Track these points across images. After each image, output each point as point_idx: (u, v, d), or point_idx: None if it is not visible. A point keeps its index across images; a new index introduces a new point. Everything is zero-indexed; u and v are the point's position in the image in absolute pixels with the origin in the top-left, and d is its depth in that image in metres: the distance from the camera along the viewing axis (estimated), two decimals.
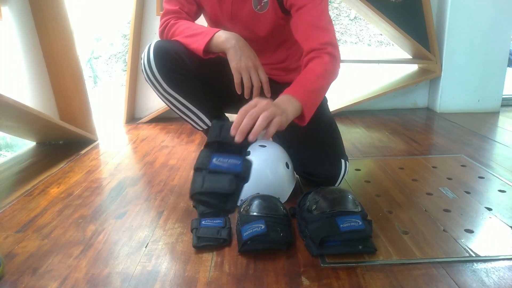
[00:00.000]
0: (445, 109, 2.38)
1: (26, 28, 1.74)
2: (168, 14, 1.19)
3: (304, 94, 0.96)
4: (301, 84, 0.99)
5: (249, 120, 0.82)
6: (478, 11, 2.20)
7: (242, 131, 0.81)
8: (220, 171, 0.82)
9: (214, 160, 0.83)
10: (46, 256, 0.94)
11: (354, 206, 0.96)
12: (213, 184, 0.81)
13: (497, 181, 1.33)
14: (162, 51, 1.11)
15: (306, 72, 1.02)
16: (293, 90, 0.96)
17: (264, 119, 0.82)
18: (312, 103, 0.99)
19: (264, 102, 0.85)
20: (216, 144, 0.85)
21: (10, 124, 1.61)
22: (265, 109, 0.84)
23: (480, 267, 0.86)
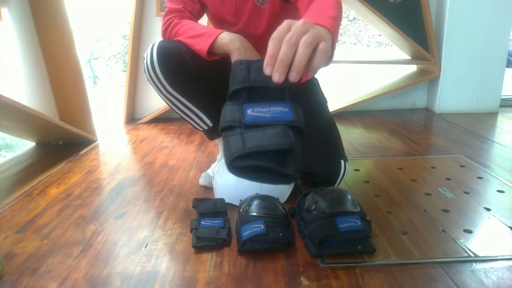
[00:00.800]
0: (444, 109, 2.38)
1: (25, 29, 1.75)
2: (171, 13, 1.19)
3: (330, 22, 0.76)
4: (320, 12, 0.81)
5: (288, 49, 0.57)
6: (476, 12, 2.21)
7: (282, 65, 0.57)
8: (263, 123, 0.58)
9: (249, 111, 0.59)
10: (45, 256, 0.95)
11: (353, 206, 0.97)
12: (260, 140, 0.56)
13: (496, 181, 1.33)
14: (165, 51, 1.11)
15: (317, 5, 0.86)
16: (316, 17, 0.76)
17: (308, 44, 0.58)
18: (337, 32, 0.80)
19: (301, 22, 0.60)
20: (245, 92, 0.61)
21: (10, 124, 1.61)
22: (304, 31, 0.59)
23: (479, 267, 0.86)
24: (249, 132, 0.57)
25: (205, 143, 1.85)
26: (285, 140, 0.56)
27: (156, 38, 2.25)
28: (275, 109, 0.59)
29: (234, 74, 0.62)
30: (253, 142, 0.56)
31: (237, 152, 0.55)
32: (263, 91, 0.60)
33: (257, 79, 0.60)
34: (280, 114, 0.58)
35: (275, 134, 0.56)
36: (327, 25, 0.72)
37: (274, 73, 0.58)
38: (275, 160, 0.56)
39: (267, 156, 0.56)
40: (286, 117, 0.58)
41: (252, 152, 0.55)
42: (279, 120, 0.58)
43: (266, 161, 0.56)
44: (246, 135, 0.57)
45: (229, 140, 0.58)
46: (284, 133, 0.56)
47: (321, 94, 1.31)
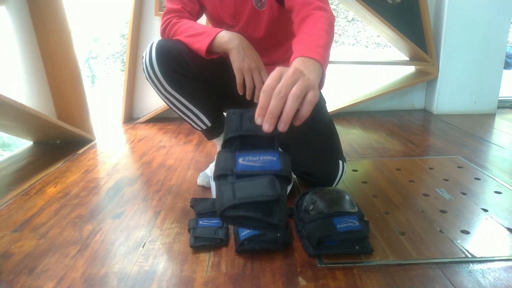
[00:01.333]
0: (442, 110, 2.39)
1: (24, 27, 1.74)
2: (170, 12, 1.19)
3: (318, 51, 0.80)
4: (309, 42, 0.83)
5: (277, 101, 0.62)
6: (475, 13, 2.22)
7: (272, 116, 0.62)
8: (252, 173, 0.62)
9: (240, 160, 0.63)
10: (42, 255, 0.94)
11: (351, 206, 0.97)
12: (249, 191, 0.60)
13: (493, 182, 1.34)
14: (164, 50, 1.11)
15: (308, 29, 0.89)
16: (307, 49, 0.79)
17: (296, 97, 0.62)
18: (327, 59, 0.83)
19: (290, 73, 0.64)
20: (237, 140, 0.65)
21: (8, 123, 1.60)
22: (294, 82, 0.64)
23: (476, 268, 0.87)
24: (239, 182, 0.61)
25: (203, 143, 1.85)
26: (272, 191, 0.60)
27: (154, 37, 2.25)
28: (265, 158, 0.63)
29: (228, 123, 0.67)
30: (243, 193, 0.60)
31: (228, 203, 0.60)
32: (254, 139, 0.65)
33: (248, 128, 0.64)
34: (269, 163, 0.63)
35: (263, 185, 0.61)
36: (317, 58, 0.77)
37: (264, 123, 0.63)
38: (262, 211, 0.60)
39: (255, 207, 0.60)
40: (274, 167, 0.63)
41: (242, 203, 0.60)
42: (267, 170, 0.62)
43: (254, 211, 0.60)
44: (236, 185, 0.61)
45: (221, 189, 0.62)
46: (271, 184, 0.61)
47: (320, 95, 1.31)
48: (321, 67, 0.77)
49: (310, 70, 0.74)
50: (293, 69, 0.65)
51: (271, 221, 0.60)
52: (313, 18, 0.93)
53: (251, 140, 0.65)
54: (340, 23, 8.17)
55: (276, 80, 0.64)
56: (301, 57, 0.78)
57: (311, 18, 0.93)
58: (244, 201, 0.60)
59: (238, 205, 0.60)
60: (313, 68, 0.75)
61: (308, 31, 0.89)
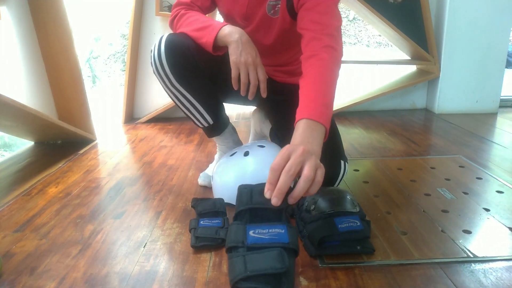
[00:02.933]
0: (444, 110, 2.38)
1: (24, 27, 1.74)
2: (180, 5, 1.20)
3: (322, 111, 0.86)
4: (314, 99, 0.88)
5: (287, 178, 0.69)
6: (476, 12, 2.21)
7: (280, 192, 0.68)
8: (262, 245, 0.68)
9: (250, 233, 0.69)
10: (44, 255, 0.94)
11: (353, 206, 0.97)
12: (259, 264, 0.65)
13: (495, 182, 1.33)
14: (174, 46, 1.10)
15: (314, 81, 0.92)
16: (310, 111, 0.85)
17: (309, 180, 0.70)
18: (330, 117, 0.89)
19: (299, 152, 0.71)
20: (248, 213, 0.72)
21: (9, 123, 1.60)
22: (302, 162, 0.71)
23: (478, 267, 0.86)
24: (250, 254, 0.67)
25: (204, 143, 1.84)
26: (280, 264, 0.66)
27: (155, 37, 2.25)
28: (273, 231, 0.69)
29: (239, 196, 0.74)
30: (254, 266, 0.65)
31: (240, 275, 0.65)
32: (264, 211, 0.71)
33: (258, 201, 0.71)
34: (277, 236, 0.69)
35: (272, 257, 0.66)
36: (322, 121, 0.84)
37: (273, 198, 0.68)
38: (272, 283, 0.65)
39: (265, 279, 0.65)
40: (282, 240, 0.69)
41: (253, 276, 0.65)
42: (276, 242, 0.68)
43: (264, 284, 0.65)
44: (247, 258, 0.66)
45: (233, 262, 0.68)
46: (280, 257, 0.66)
47: None
48: (325, 131, 0.85)
49: (314, 137, 0.81)
50: (302, 150, 0.72)
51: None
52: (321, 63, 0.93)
53: (260, 213, 0.72)
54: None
55: (284, 159, 0.71)
56: (307, 119, 0.83)
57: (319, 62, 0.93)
58: (255, 273, 0.65)
59: (250, 277, 0.65)
60: (317, 134, 0.82)
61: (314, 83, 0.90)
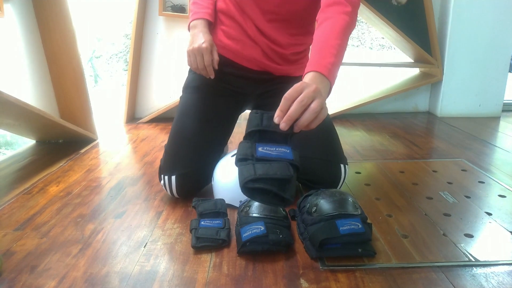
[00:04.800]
0: (446, 113, 2.38)
1: (28, 26, 1.74)
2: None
3: (331, 69, 0.90)
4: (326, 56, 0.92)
5: (299, 107, 0.76)
6: (480, 15, 2.21)
7: (290, 118, 0.75)
8: (270, 158, 0.75)
9: (260, 149, 0.75)
10: (44, 254, 0.94)
11: (354, 209, 0.96)
12: (267, 170, 0.72)
13: (497, 186, 1.33)
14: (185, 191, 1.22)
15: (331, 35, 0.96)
16: (323, 65, 0.90)
17: (314, 112, 0.77)
18: (336, 76, 0.94)
19: (312, 89, 0.78)
20: (257, 134, 0.78)
21: (11, 122, 1.61)
22: (313, 97, 0.78)
23: (480, 271, 0.86)
24: (259, 163, 0.73)
25: None
26: (286, 172, 0.73)
27: (158, 37, 2.25)
28: (280, 150, 0.76)
29: (250, 120, 0.79)
30: (262, 171, 0.72)
31: (249, 176, 0.72)
32: (271, 134, 0.78)
33: (267, 124, 0.77)
34: (283, 153, 0.76)
35: (279, 167, 0.73)
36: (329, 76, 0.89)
37: (282, 123, 0.75)
38: (277, 186, 0.72)
39: (272, 182, 0.72)
40: (287, 156, 0.76)
41: (261, 178, 0.71)
42: (282, 158, 0.75)
43: (270, 185, 0.72)
44: (256, 166, 0.73)
45: (243, 168, 0.74)
46: (286, 167, 0.73)
47: None
48: (329, 85, 0.90)
49: (323, 89, 0.85)
50: (315, 87, 0.79)
51: (284, 195, 0.72)
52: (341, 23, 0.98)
53: (268, 135, 0.78)
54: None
55: (298, 91, 0.77)
56: (317, 72, 0.88)
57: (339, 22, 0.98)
58: (263, 176, 0.71)
59: (258, 179, 0.71)
60: (324, 86, 0.87)
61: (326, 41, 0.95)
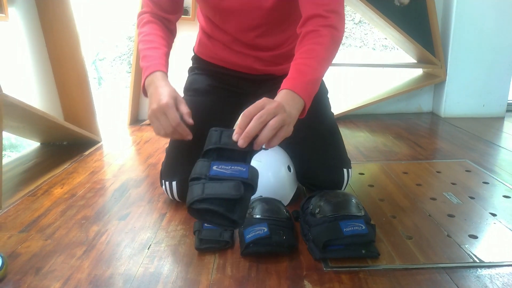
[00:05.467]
0: (450, 113, 2.37)
1: (32, 29, 1.76)
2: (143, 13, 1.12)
3: (306, 87, 0.87)
4: (303, 73, 0.89)
5: (257, 124, 0.73)
6: (483, 15, 2.20)
7: (248, 135, 0.73)
8: (223, 177, 0.71)
9: (214, 167, 0.72)
10: (49, 256, 0.95)
11: (358, 210, 0.96)
12: (216, 189, 0.69)
13: (502, 186, 1.32)
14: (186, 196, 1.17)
15: (307, 56, 0.91)
16: (295, 83, 0.87)
17: (273, 128, 0.74)
18: (313, 94, 0.91)
19: (274, 105, 0.76)
20: (215, 152, 0.75)
21: (15, 124, 1.61)
22: (274, 113, 0.75)
23: (484, 273, 0.85)
24: (209, 183, 0.70)
25: None
26: (236, 192, 0.69)
27: None
28: (235, 168, 0.72)
29: (209, 137, 0.76)
30: (211, 190, 0.69)
31: (196, 196, 0.69)
32: (230, 152, 0.74)
33: (226, 142, 0.74)
34: (238, 172, 0.72)
35: (229, 186, 0.70)
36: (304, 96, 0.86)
37: (240, 139, 0.73)
38: (225, 206, 0.69)
39: (219, 202, 0.69)
40: (242, 175, 0.71)
41: (208, 198, 0.68)
42: (236, 177, 0.71)
43: (217, 206, 0.68)
44: (206, 185, 0.70)
45: (192, 188, 0.71)
46: (237, 187, 0.70)
47: (325, 96, 1.29)
48: (303, 106, 0.87)
49: (292, 106, 0.83)
50: (277, 104, 0.77)
51: (232, 216, 0.69)
52: (319, 40, 0.92)
53: (227, 153, 0.75)
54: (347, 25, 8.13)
55: (258, 108, 0.75)
56: (289, 90, 0.85)
57: (317, 38, 0.92)
58: (211, 196, 0.68)
59: (205, 199, 0.68)
60: (295, 104, 0.84)
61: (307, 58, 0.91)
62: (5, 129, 1.67)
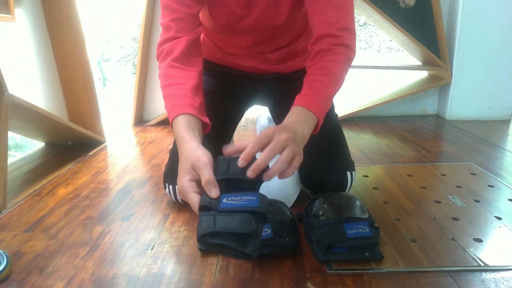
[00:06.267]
0: (455, 116, 2.36)
1: (38, 30, 1.77)
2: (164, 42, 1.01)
3: (320, 105, 0.88)
4: (317, 90, 0.89)
5: (267, 157, 0.71)
6: (489, 17, 2.19)
7: (257, 168, 0.70)
8: (233, 209, 0.69)
9: (224, 200, 0.70)
10: (53, 256, 0.95)
11: (362, 212, 0.96)
12: (228, 223, 0.67)
13: (507, 190, 1.31)
14: None
15: (321, 73, 0.91)
16: (309, 101, 0.87)
17: (285, 162, 0.73)
18: (326, 110, 0.91)
19: (284, 137, 0.74)
20: (224, 183, 0.72)
21: (20, 124, 1.62)
22: (284, 146, 0.73)
23: (489, 277, 0.85)
24: (220, 215, 0.68)
25: None
26: (247, 226, 0.67)
27: None
28: (245, 198, 0.70)
29: (217, 166, 0.74)
30: (222, 224, 0.67)
31: (207, 230, 0.67)
32: (239, 182, 0.72)
33: (234, 172, 0.72)
34: (249, 201, 0.70)
35: (241, 220, 0.68)
36: (317, 113, 0.86)
37: (249, 171, 0.70)
38: (236, 241, 0.67)
39: (231, 237, 0.67)
40: (252, 204, 0.69)
41: (219, 232, 0.66)
42: (247, 207, 0.69)
43: (229, 241, 0.67)
44: (217, 218, 0.68)
45: (203, 219, 0.69)
46: (248, 220, 0.68)
47: None
48: (317, 121, 0.87)
49: (305, 126, 0.83)
50: (287, 135, 0.74)
51: (244, 250, 0.67)
52: (334, 58, 0.92)
53: (236, 183, 0.73)
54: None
55: (268, 137, 0.73)
56: (303, 108, 0.86)
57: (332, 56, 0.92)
58: (222, 230, 0.66)
59: (217, 233, 0.67)
60: (308, 122, 0.84)
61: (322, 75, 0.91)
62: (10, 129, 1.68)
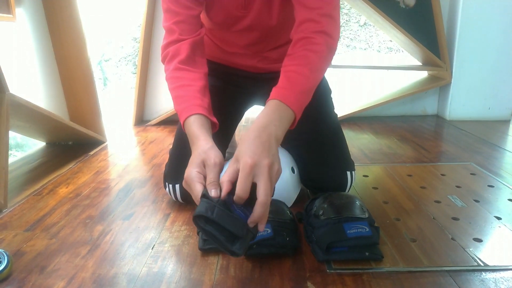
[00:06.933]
0: (455, 116, 2.36)
1: (39, 29, 1.77)
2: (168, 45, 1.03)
3: (298, 98, 0.83)
4: (294, 82, 0.84)
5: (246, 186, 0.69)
6: (489, 18, 2.19)
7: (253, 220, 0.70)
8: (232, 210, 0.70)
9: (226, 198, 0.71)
10: (53, 255, 0.95)
11: (362, 212, 0.96)
12: (224, 218, 0.68)
13: (507, 190, 1.31)
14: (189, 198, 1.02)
15: (299, 63, 0.87)
16: (286, 94, 0.82)
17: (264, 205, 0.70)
18: (304, 105, 0.86)
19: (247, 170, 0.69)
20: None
21: (21, 124, 1.63)
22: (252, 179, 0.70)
23: (489, 276, 0.85)
24: (220, 208, 0.69)
25: None
26: (241, 230, 0.69)
27: None
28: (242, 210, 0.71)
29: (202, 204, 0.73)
30: (219, 216, 0.68)
31: (205, 213, 0.68)
32: None
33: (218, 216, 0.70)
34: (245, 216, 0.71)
35: (236, 222, 0.69)
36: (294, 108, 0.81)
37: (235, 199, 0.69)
38: (226, 237, 0.69)
39: (223, 231, 0.69)
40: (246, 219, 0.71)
41: (215, 221, 0.68)
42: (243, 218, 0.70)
43: (220, 234, 0.69)
44: (217, 209, 0.69)
45: (204, 203, 0.70)
46: (242, 226, 0.70)
47: (328, 97, 1.29)
48: (294, 119, 0.82)
49: (278, 126, 0.78)
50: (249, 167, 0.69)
51: (230, 247, 0.69)
52: (312, 47, 0.87)
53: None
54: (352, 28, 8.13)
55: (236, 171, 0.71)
56: (279, 102, 0.81)
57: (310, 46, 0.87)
58: (217, 220, 0.68)
59: (211, 221, 0.68)
60: (282, 120, 0.79)
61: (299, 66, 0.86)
62: (11, 128, 1.68)
